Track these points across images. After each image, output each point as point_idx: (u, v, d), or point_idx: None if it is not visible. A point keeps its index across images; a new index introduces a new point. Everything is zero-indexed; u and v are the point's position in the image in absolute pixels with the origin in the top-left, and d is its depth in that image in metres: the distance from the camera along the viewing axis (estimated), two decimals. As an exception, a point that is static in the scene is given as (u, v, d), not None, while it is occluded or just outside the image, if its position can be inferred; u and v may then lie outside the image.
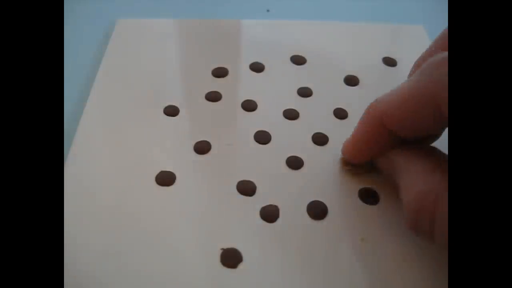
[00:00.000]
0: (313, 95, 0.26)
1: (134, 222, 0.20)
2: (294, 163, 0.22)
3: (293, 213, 0.20)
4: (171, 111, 0.25)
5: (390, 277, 0.19)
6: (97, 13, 0.32)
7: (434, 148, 0.19)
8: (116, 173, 0.22)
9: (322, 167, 0.22)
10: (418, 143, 0.19)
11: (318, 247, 0.19)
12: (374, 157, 0.21)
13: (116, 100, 0.25)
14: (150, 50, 0.28)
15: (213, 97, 0.26)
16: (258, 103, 0.25)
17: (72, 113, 0.25)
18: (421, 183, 0.17)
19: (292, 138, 0.24)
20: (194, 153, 0.23)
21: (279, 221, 0.20)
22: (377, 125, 0.19)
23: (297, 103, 0.25)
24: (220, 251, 0.19)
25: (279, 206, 0.21)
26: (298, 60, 0.28)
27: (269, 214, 0.20)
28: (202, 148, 0.23)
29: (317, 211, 0.21)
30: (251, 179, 0.22)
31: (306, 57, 0.28)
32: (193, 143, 0.23)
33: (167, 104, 0.25)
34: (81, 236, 0.19)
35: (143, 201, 0.21)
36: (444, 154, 0.19)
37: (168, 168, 0.22)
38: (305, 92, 0.26)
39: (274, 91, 0.26)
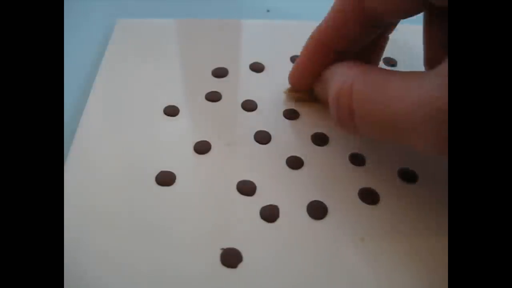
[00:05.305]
0: (313, 95, 0.26)
1: (134, 222, 0.20)
2: (294, 163, 0.22)
3: (293, 213, 0.20)
4: (171, 111, 0.25)
5: (390, 277, 0.19)
6: (97, 13, 0.32)
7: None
8: (116, 173, 0.22)
9: (322, 167, 0.22)
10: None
11: (318, 247, 0.19)
12: (315, 79, 0.23)
13: (116, 100, 0.25)
14: (150, 50, 0.28)
15: (213, 97, 0.26)
16: (258, 103, 0.25)
17: (72, 113, 0.25)
18: (339, 80, 0.19)
19: (292, 138, 0.24)
20: (194, 153, 0.23)
21: (279, 221, 0.20)
22: (320, 46, 0.22)
23: (297, 103, 0.25)
24: (220, 251, 0.19)
25: (279, 206, 0.21)
26: (298, 60, 0.28)
27: (269, 214, 0.20)
28: (202, 148, 0.23)
29: (317, 211, 0.21)
30: (251, 179, 0.22)
31: (306, 57, 0.28)
32: (193, 143, 0.23)
33: (167, 104, 0.25)
34: (81, 236, 0.19)
35: (143, 201, 0.21)
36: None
37: (168, 168, 0.22)
38: (305, 92, 0.26)
39: (274, 91, 0.26)
